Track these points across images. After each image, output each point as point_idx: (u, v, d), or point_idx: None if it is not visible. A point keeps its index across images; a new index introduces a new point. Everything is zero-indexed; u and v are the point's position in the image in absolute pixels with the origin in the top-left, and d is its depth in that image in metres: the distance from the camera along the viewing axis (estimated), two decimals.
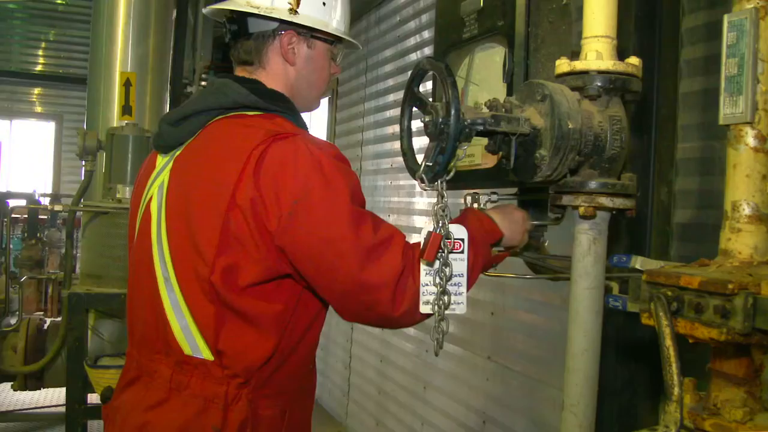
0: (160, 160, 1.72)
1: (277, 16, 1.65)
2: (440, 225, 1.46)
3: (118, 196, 3.26)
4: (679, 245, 2.25)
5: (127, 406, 1.67)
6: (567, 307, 2.84)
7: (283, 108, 1.64)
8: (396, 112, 4.87)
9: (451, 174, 1.46)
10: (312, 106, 1.78)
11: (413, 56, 4.69)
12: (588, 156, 1.57)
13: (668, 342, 1.18)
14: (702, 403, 1.26)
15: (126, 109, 3.45)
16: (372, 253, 1.46)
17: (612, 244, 2.25)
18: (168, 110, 3.67)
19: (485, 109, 1.54)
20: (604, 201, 1.57)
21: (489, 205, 1.93)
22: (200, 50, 4.06)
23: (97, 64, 3.81)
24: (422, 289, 1.51)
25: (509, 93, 1.88)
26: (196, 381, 1.57)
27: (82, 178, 3.45)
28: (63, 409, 3.62)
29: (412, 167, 1.52)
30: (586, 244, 1.62)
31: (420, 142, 1.64)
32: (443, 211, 1.46)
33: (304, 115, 1.75)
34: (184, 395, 1.57)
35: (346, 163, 1.56)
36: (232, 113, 1.61)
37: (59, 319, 4.44)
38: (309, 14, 1.68)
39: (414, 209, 4.60)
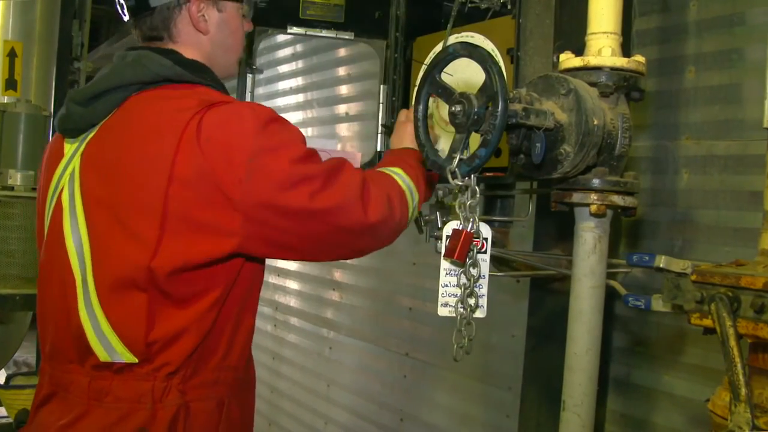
0: (69, 147, 1.51)
1: None
2: (471, 222, 1.38)
3: (9, 182, 2.85)
4: (628, 242, 2.32)
5: (41, 428, 1.47)
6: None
7: (209, 79, 1.51)
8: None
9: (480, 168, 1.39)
10: (231, 71, 1.66)
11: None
12: (600, 153, 1.55)
13: (732, 342, 1.17)
14: None
15: (10, 83, 3.02)
16: (331, 177, 1.41)
17: (564, 240, 2.29)
18: (54, 86, 3.30)
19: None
20: (616, 199, 1.56)
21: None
22: (88, 24, 3.67)
23: None
24: (441, 290, 1.43)
25: None
26: (118, 384, 1.40)
27: None
28: None
29: (436, 160, 1.42)
30: (591, 242, 1.60)
31: None
32: (473, 208, 1.38)
33: None
34: (105, 403, 1.40)
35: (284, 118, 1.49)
36: (152, 87, 1.45)
37: None
38: None
39: None
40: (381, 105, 2.32)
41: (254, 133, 1.36)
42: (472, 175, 1.37)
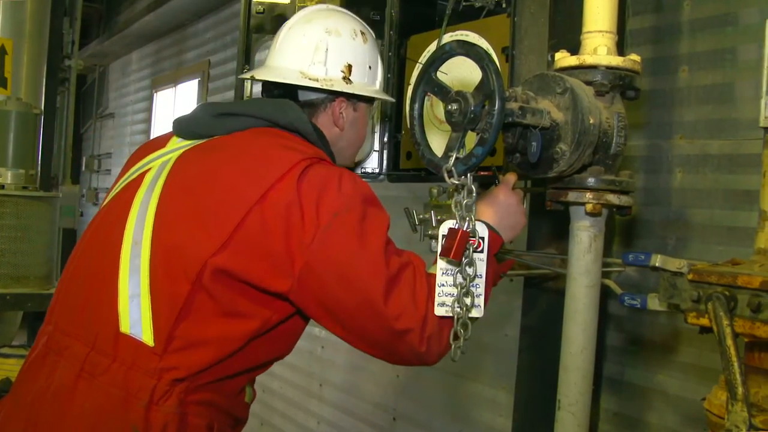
0: (174, 143, 1.60)
1: (337, 88, 1.61)
2: (467, 221, 1.37)
3: None
4: (621, 240, 2.32)
5: (25, 396, 1.45)
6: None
7: (326, 150, 1.59)
8: None
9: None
10: (346, 163, 1.73)
11: None
12: (595, 152, 1.55)
13: (729, 341, 1.17)
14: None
15: (0, 81, 3.00)
16: (397, 277, 1.39)
17: (557, 239, 2.29)
18: (45, 83, 3.28)
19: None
20: (612, 198, 1.56)
21: None
22: (79, 22, 3.64)
23: None
24: (438, 290, 1.42)
25: None
26: (119, 367, 1.38)
27: None
28: None
29: (432, 159, 1.42)
30: (587, 242, 1.60)
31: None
32: (470, 207, 1.37)
33: None
34: (97, 382, 1.38)
35: None
36: (279, 130, 1.55)
37: None
38: (359, 81, 1.64)
39: None
40: (377, 105, 2.31)
41: (349, 195, 1.42)
42: (469, 174, 1.36)
